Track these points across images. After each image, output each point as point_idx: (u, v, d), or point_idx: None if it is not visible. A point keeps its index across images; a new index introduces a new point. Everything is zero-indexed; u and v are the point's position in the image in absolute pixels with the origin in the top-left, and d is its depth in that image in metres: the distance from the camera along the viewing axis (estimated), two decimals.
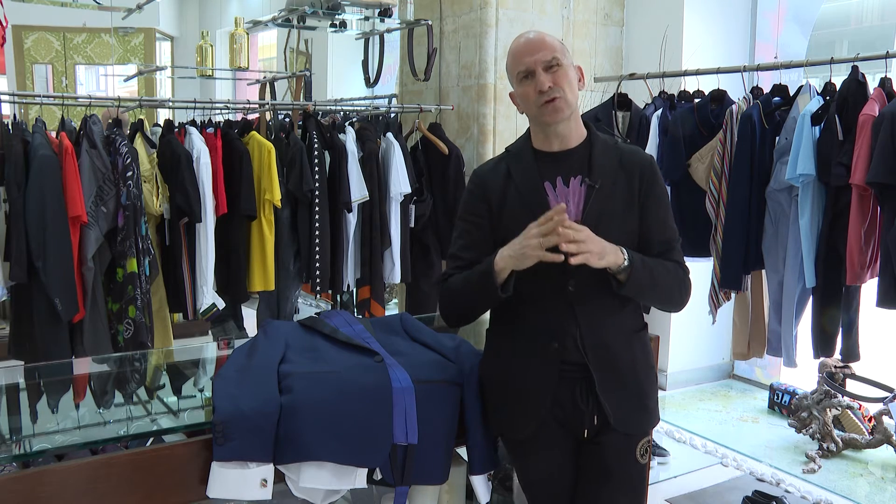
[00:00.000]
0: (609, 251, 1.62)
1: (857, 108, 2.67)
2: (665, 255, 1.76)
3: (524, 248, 1.62)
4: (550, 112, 1.71)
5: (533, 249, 1.60)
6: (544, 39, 1.73)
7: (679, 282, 1.77)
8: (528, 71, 1.71)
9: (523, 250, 1.62)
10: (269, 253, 3.41)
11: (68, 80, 7.79)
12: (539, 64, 1.70)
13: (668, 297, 1.78)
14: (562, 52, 1.73)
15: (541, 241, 1.59)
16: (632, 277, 1.66)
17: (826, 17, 4.66)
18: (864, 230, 2.67)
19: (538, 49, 1.71)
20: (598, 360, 1.71)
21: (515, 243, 1.65)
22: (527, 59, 1.71)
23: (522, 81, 1.74)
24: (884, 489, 3.14)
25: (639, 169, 1.76)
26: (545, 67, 1.70)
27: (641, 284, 1.68)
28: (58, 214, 2.85)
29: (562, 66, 1.71)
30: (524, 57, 1.72)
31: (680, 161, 3.27)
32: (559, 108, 1.71)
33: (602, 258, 1.61)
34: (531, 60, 1.71)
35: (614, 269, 1.65)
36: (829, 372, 3.58)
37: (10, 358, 3.02)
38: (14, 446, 1.69)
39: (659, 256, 1.75)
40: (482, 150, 4.01)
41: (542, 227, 1.60)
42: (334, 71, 6.85)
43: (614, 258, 1.63)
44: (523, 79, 1.73)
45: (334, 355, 1.94)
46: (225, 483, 1.61)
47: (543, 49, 1.71)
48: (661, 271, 1.73)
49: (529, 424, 1.76)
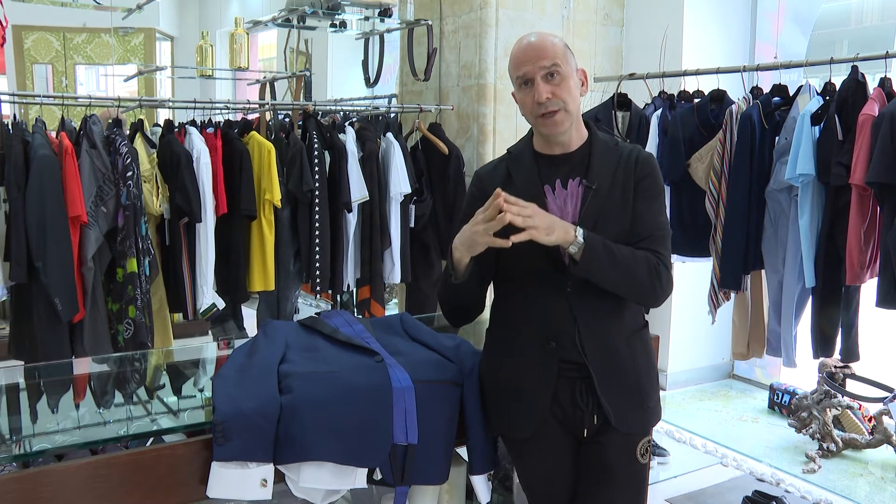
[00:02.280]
0: (557, 227, 1.60)
1: (856, 108, 2.67)
2: (643, 242, 1.70)
3: (472, 234, 1.62)
4: (549, 126, 1.70)
5: (480, 235, 1.60)
6: (545, 44, 1.69)
7: (649, 269, 1.67)
8: (527, 78, 1.69)
9: (472, 236, 1.62)
10: (269, 253, 3.41)
11: (68, 80, 7.80)
12: (538, 72, 1.67)
13: (632, 283, 1.67)
14: (563, 58, 1.69)
15: (486, 227, 1.59)
16: (585, 255, 1.61)
17: (826, 17, 4.66)
18: (863, 230, 2.67)
19: (538, 56, 1.68)
20: (596, 360, 1.70)
21: (465, 230, 1.65)
22: (526, 67, 1.69)
23: (521, 88, 1.72)
24: (884, 489, 3.14)
25: (638, 167, 1.75)
26: (544, 76, 1.67)
27: (599, 265, 1.62)
28: (58, 214, 2.85)
29: (562, 74, 1.68)
30: (523, 64, 1.69)
31: (680, 161, 3.27)
32: (558, 122, 1.69)
33: (550, 234, 1.58)
34: (530, 69, 1.68)
35: (565, 246, 1.61)
36: (829, 372, 3.58)
37: (10, 358, 3.02)
38: (14, 446, 1.69)
39: (637, 244, 1.70)
40: (482, 150, 4.01)
41: (485, 213, 1.59)
42: (334, 71, 6.85)
43: (563, 234, 1.60)
44: (522, 85, 1.71)
45: (334, 355, 1.94)
46: (225, 483, 1.62)
47: (544, 56, 1.67)
48: (626, 255, 1.65)
49: (529, 424, 1.76)
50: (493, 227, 1.58)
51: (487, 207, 1.59)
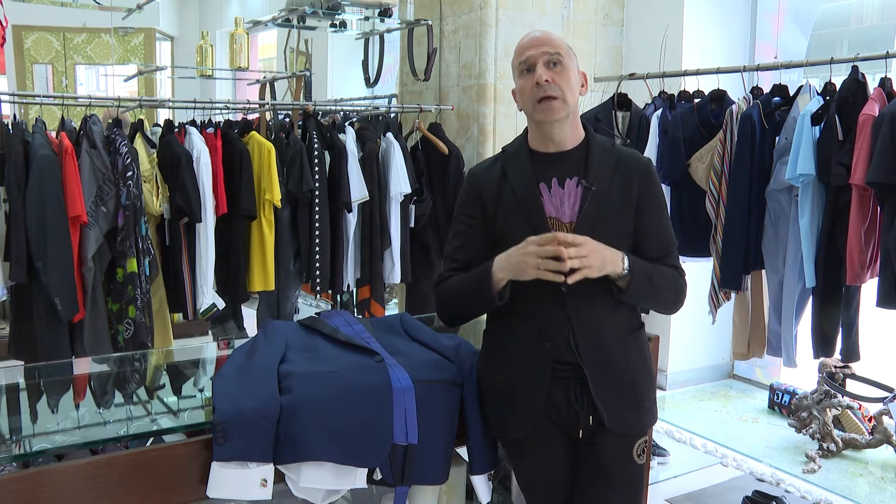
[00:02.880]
0: (608, 263, 1.63)
1: (857, 108, 2.67)
2: (663, 259, 1.77)
3: (521, 265, 1.63)
4: (545, 110, 1.70)
5: (531, 268, 1.61)
6: (550, 36, 1.73)
7: (676, 287, 1.78)
8: (529, 64, 1.70)
9: (521, 266, 1.63)
10: (269, 253, 3.41)
11: (68, 80, 7.80)
12: (541, 57, 1.69)
13: (665, 302, 1.79)
14: (566, 53, 1.72)
15: (539, 263, 1.59)
16: (632, 285, 1.67)
17: (826, 17, 4.66)
18: (864, 230, 2.67)
19: (544, 43, 1.71)
20: (590, 360, 1.70)
21: (513, 255, 1.65)
22: (529, 52, 1.71)
23: (523, 74, 1.72)
24: (884, 489, 3.14)
25: (636, 172, 1.75)
26: (546, 62, 1.69)
27: (641, 291, 1.69)
28: (58, 214, 2.85)
29: (564, 64, 1.70)
30: (527, 50, 1.71)
31: (680, 161, 3.27)
32: (555, 109, 1.69)
33: (602, 270, 1.62)
34: (533, 53, 1.70)
35: (613, 276, 1.66)
36: (829, 372, 3.58)
37: (10, 358, 3.02)
38: (14, 446, 1.69)
39: (657, 261, 1.75)
40: (482, 150, 4.01)
41: (541, 249, 1.59)
42: (334, 71, 6.85)
43: (613, 268, 1.64)
44: (524, 72, 1.72)
45: (334, 355, 1.94)
46: (225, 483, 1.61)
47: (548, 44, 1.70)
48: (660, 277, 1.73)
49: (525, 425, 1.76)
50: (550, 266, 1.58)
51: (544, 243, 1.59)
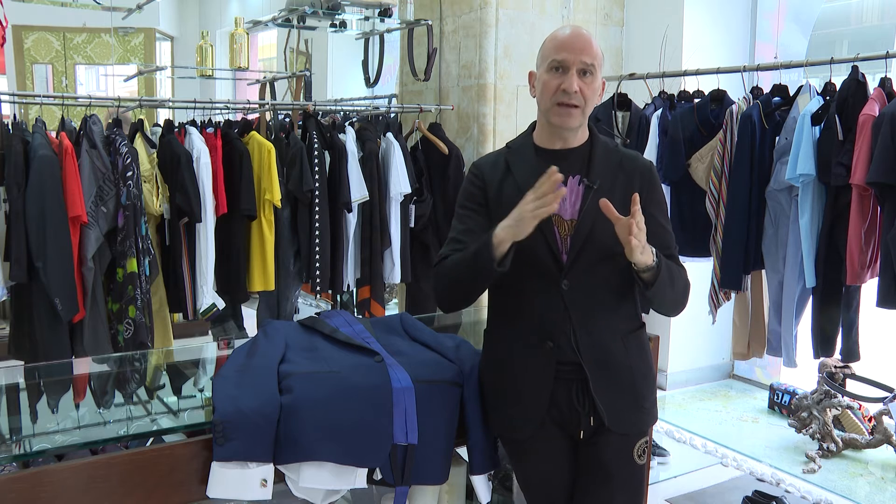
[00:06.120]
0: (647, 249, 1.62)
1: (857, 108, 2.67)
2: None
3: (520, 215, 1.59)
4: (563, 116, 1.70)
5: (529, 216, 1.57)
6: (592, 43, 1.70)
7: (686, 287, 1.79)
8: (563, 65, 1.68)
9: (520, 216, 1.59)
10: (269, 253, 3.41)
11: (68, 80, 7.80)
12: (577, 64, 1.68)
13: (677, 300, 1.78)
14: (600, 65, 1.72)
15: (537, 203, 1.56)
16: (659, 278, 1.64)
17: (826, 17, 4.66)
18: (864, 230, 2.67)
19: (583, 50, 1.68)
20: (591, 360, 1.70)
21: (513, 212, 1.62)
22: (567, 55, 1.68)
23: (551, 70, 1.70)
24: (884, 489, 3.14)
25: (639, 173, 1.76)
26: (580, 70, 1.68)
27: (664, 286, 1.67)
28: (58, 214, 2.85)
29: (594, 76, 1.70)
30: (565, 50, 1.68)
31: (680, 161, 3.27)
32: (573, 116, 1.70)
33: (644, 251, 1.60)
34: (572, 58, 1.68)
35: (642, 266, 1.63)
36: (829, 372, 3.58)
37: (10, 358, 3.02)
38: (14, 446, 1.69)
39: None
40: (482, 150, 4.01)
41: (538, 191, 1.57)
42: (334, 71, 6.85)
43: (648, 253, 1.62)
44: (553, 69, 1.70)
45: (334, 355, 1.94)
46: (225, 483, 1.61)
47: (588, 52, 1.68)
48: (676, 274, 1.74)
49: (527, 425, 1.76)
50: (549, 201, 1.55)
51: (539, 186, 1.57)
